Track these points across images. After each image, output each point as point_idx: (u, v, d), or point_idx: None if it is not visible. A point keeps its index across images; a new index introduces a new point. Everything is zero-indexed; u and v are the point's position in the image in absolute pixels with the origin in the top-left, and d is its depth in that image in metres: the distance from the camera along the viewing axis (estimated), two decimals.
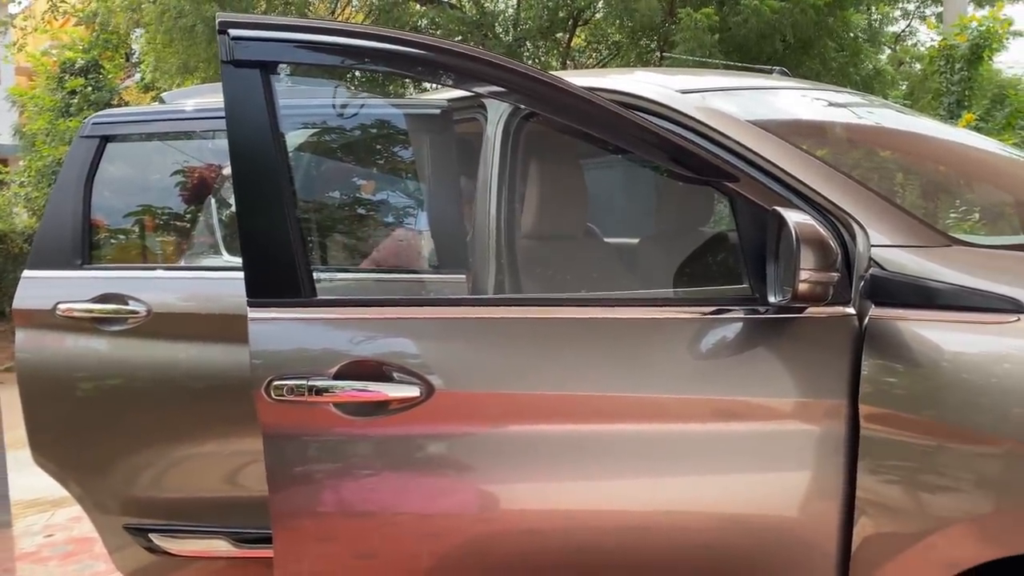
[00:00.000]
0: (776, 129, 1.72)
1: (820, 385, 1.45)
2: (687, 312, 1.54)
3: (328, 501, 1.51)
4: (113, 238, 2.67)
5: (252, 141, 1.48)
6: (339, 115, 2.51)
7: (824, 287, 1.36)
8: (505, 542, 1.56)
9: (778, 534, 1.49)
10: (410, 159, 2.51)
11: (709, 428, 1.49)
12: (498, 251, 1.94)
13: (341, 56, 1.62)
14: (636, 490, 1.52)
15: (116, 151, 2.44)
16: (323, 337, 1.53)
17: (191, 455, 2.25)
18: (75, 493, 2.35)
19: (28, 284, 2.32)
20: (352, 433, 1.50)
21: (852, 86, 7.28)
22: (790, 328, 1.47)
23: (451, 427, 1.51)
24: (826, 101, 2.29)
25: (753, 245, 1.49)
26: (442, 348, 1.52)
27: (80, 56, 11.30)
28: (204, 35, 7.87)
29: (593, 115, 1.55)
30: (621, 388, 1.50)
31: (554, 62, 9.09)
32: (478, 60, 1.57)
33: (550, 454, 1.51)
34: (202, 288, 2.32)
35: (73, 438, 2.31)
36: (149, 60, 9.72)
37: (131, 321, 2.22)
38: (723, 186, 1.53)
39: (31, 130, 11.09)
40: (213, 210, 2.81)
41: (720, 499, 1.51)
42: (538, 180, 2.09)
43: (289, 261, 1.47)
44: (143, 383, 2.22)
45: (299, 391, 1.45)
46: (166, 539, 2.25)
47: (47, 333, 2.28)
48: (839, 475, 1.43)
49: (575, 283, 2.17)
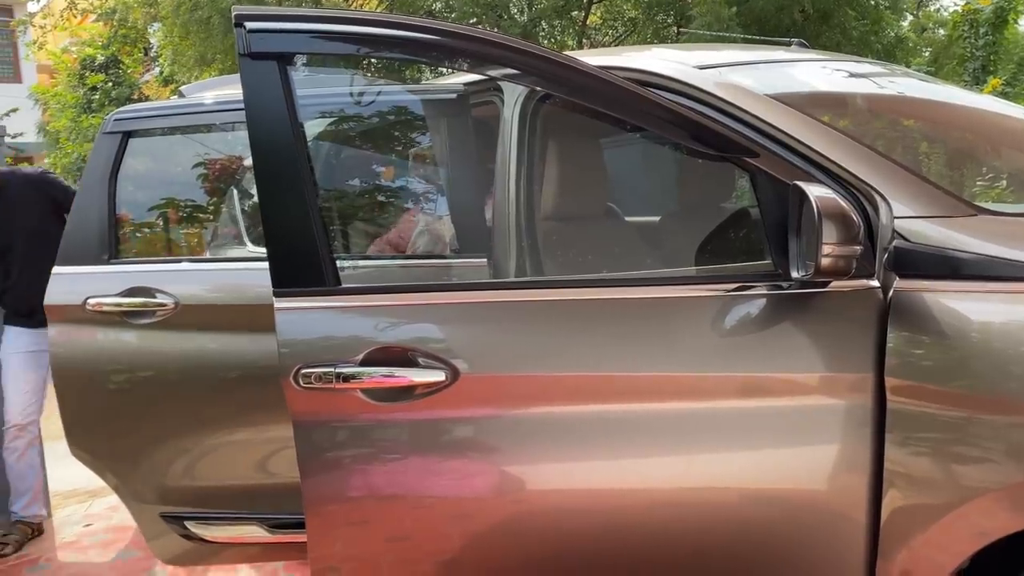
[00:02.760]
0: (796, 102, 1.70)
1: (845, 359, 1.45)
2: (710, 290, 1.54)
3: (358, 486, 1.53)
4: (138, 232, 2.71)
5: (272, 133, 1.49)
6: (356, 103, 2.52)
7: (847, 261, 1.36)
8: (534, 522, 1.57)
9: (807, 508, 1.49)
10: (428, 144, 2.52)
11: (735, 405, 1.49)
12: (518, 234, 1.95)
13: (357, 45, 1.62)
14: (664, 468, 1.53)
15: (138, 146, 2.47)
16: (348, 324, 1.54)
17: (222, 443, 2.29)
18: (111, 483, 2.40)
19: (58, 280, 2.36)
20: (380, 418, 1.51)
21: (873, 55, 7.17)
22: (814, 303, 1.47)
23: (477, 410, 1.52)
24: (846, 72, 2.26)
25: (775, 220, 1.48)
26: (466, 332, 1.53)
27: (99, 52, 11.42)
28: (220, 27, 7.91)
29: (610, 95, 1.54)
30: (646, 367, 1.51)
31: (570, 41, 9.03)
32: (494, 44, 1.57)
33: (576, 434, 1.52)
34: (228, 279, 2.35)
35: (107, 429, 2.35)
36: (167, 54, 9.78)
37: (159, 314, 2.25)
38: (743, 162, 1.53)
39: (55, 127, 11.24)
40: (235, 201, 2.84)
41: (748, 475, 1.51)
42: (557, 161, 2.09)
43: (312, 251, 1.49)
44: (173, 374, 2.26)
45: (327, 378, 1.47)
46: (201, 526, 2.29)
47: (78, 327, 2.32)
48: (866, 448, 1.43)
49: (596, 263, 2.17)
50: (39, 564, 3.22)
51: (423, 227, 2.35)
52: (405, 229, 2.38)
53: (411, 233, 2.35)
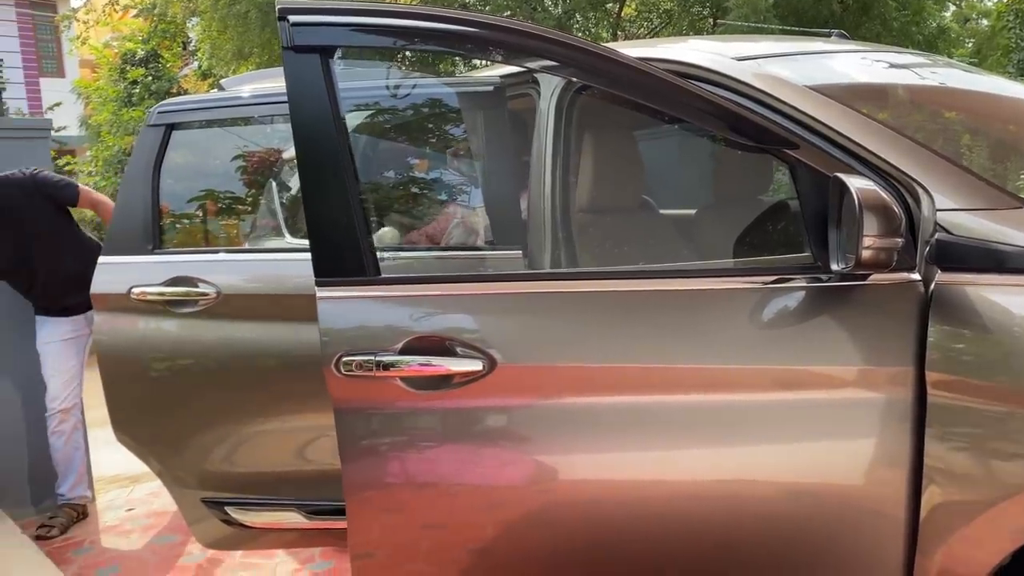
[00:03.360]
0: (836, 93, 1.69)
1: (885, 352, 1.44)
2: (748, 282, 1.53)
3: (397, 472, 1.56)
4: (179, 223, 2.76)
5: (315, 125, 1.51)
6: (393, 95, 2.54)
7: (888, 253, 1.34)
8: (567, 512, 1.58)
9: (844, 503, 1.49)
10: (464, 137, 2.53)
11: (772, 397, 1.49)
12: (554, 226, 1.95)
13: (397, 38, 1.64)
14: (699, 461, 1.53)
15: (181, 138, 2.51)
16: (388, 314, 1.56)
17: (261, 431, 2.33)
18: (155, 468, 2.46)
19: (104, 269, 2.41)
20: (418, 406, 1.54)
21: (915, 46, 7.04)
22: (853, 295, 1.46)
23: (513, 399, 1.53)
24: (887, 63, 2.23)
25: (814, 212, 1.47)
26: (503, 323, 1.55)
27: (140, 47, 11.59)
28: (257, 20, 8.00)
29: (649, 86, 1.54)
30: (682, 359, 1.51)
31: (604, 33, 8.99)
32: (533, 36, 1.57)
33: (611, 425, 1.52)
34: (268, 269, 2.39)
35: (151, 416, 2.41)
36: (205, 47, 9.91)
37: (201, 303, 2.30)
38: (783, 153, 1.52)
39: (96, 121, 11.44)
40: (274, 193, 2.88)
41: (784, 468, 1.51)
42: (592, 153, 2.09)
43: (353, 241, 1.51)
44: (215, 362, 2.31)
45: (367, 366, 1.49)
46: (242, 512, 2.34)
47: (123, 316, 2.37)
48: (906, 443, 1.42)
49: (632, 256, 2.17)
50: (84, 546, 3.31)
51: (459, 219, 2.37)
52: (442, 221, 2.40)
53: (447, 225, 2.37)
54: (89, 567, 3.10)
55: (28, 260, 3.30)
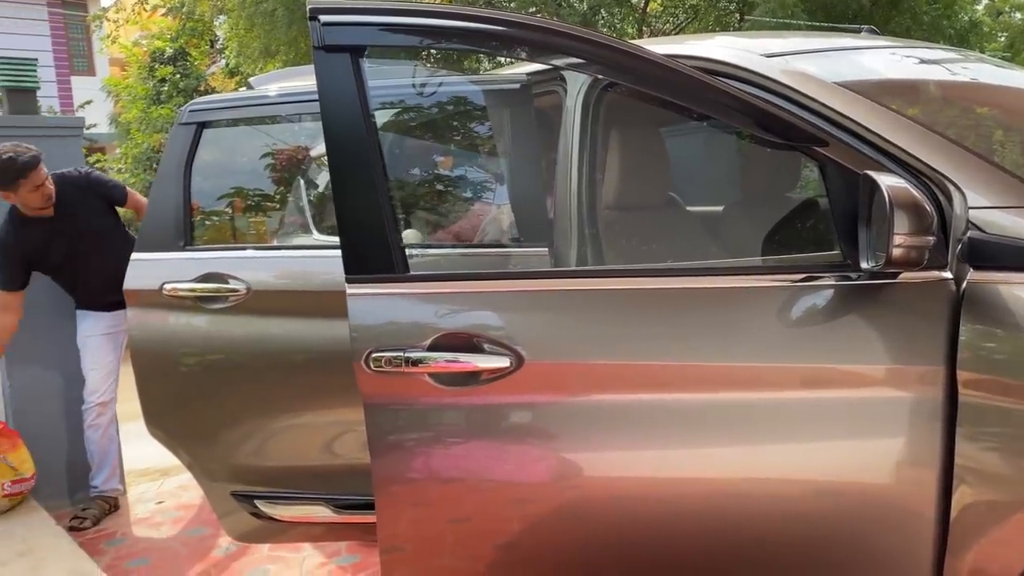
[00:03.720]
0: (865, 90, 1.68)
1: (915, 351, 1.43)
2: (776, 280, 1.53)
3: (425, 467, 1.57)
4: (209, 220, 2.80)
5: (345, 124, 1.53)
6: (420, 93, 2.56)
7: (919, 251, 1.34)
8: (593, 509, 1.59)
9: (873, 501, 1.48)
10: (491, 134, 2.54)
11: (800, 396, 1.48)
12: (580, 223, 1.96)
13: (427, 37, 1.66)
14: (726, 458, 1.53)
15: (212, 136, 2.55)
16: (417, 310, 1.58)
17: (291, 425, 2.36)
18: (185, 461, 2.49)
19: (136, 265, 2.45)
20: (446, 402, 1.55)
21: (946, 41, 6.94)
22: (883, 294, 1.45)
23: (541, 396, 1.54)
24: (917, 58, 2.21)
25: (844, 210, 1.46)
26: (531, 320, 1.56)
27: (168, 45, 11.72)
28: (284, 19, 8.05)
29: (676, 83, 1.54)
30: (710, 357, 1.51)
31: (630, 29, 8.95)
32: (561, 33, 1.58)
33: (638, 423, 1.53)
34: (297, 266, 2.42)
35: (182, 409, 2.45)
36: (232, 46, 9.99)
37: (232, 299, 2.33)
38: (811, 151, 1.51)
39: (126, 119, 11.58)
40: (302, 190, 2.91)
41: (812, 467, 1.50)
42: (619, 150, 2.09)
43: (383, 239, 1.52)
44: (244, 357, 2.34)
45: (396, 362, 1.50)
46: (271, 505, 2.37)
47: (155, 311, 2.41)
48: (936, 442, 1.41)
49: (658, 253, 2.17)
50: (116, 538, 3.37)
51: (492, 217, 2.38)
52: (473, 219, 2.41)
53: (478, 223, 2.39)
54: (121, 558, 3.16)
55: (77, 256, 3.38)
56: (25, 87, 3.82)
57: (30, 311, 3.49)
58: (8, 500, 3.33)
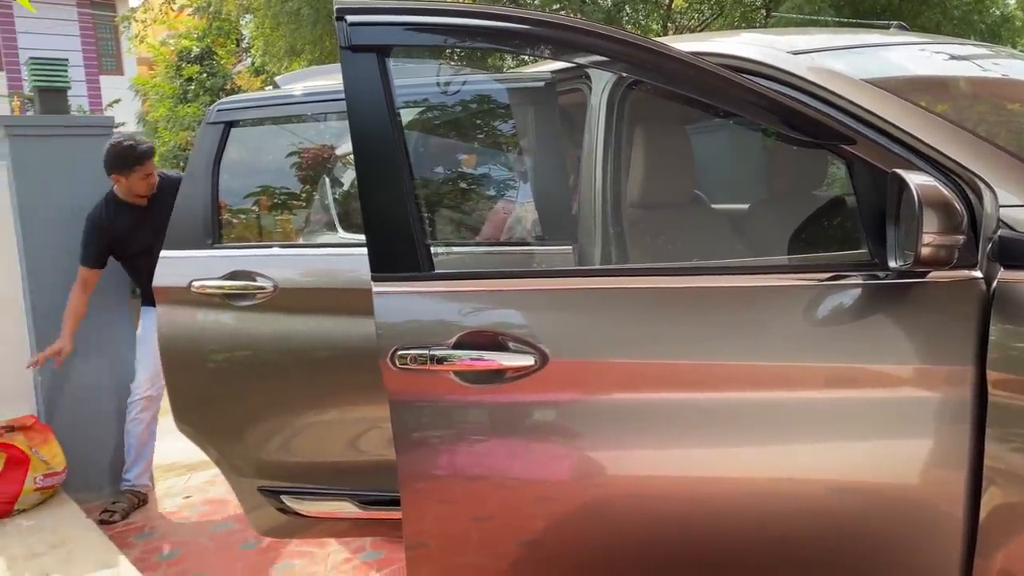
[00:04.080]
0: (894, 87, 1.66)
1: (944, 351, 1.41)
2: (803, 278, 1.52)
3: (450, 465, 1.58)
4: (235, 218, 2.83)
5: (371, 124, 1.54)
6: (444, 92, 2.56)
7: (949, 250, 1.32)
8: (617, 508, 1.59)
9: (900, 502, 1.47)
10: (515, 132, 2.55)
11: (827, 395, 1.47)
12: (605, 221, 1.96)
13: (453, 36, 1.66)
14: (751, 458, 1.53)
15: (239, 135, 2.57)
16: (442, 308, 1.59)
17: (317, 421, 2.38)
18: (213, 456, 2.52)
19: (165, 263, 2.49)
20: (471, 400, 1.56)
21: (976, 36, 6.84)
22: (912, 293, 1.43)
23: (565, 395, 1.55)
24: (947, 54, 2.18)
25: (872, 209, 1.45)
26: (555, 318, 1.56)
27: (195, 44, 11.86)
28: (309, 18, 8.10)
29: (703, 81, 1.54)
30: (736, 356, 1.50)
31: (654, 25, 8.90)
32: (586, 32, 1.58)
33: (663, 422, 1.53)
34: (323, 264, 2.44)
35: (209, 405, 2.48)
36: (258, 45, 10.08)
37: (259, 296, 2.35)
38: (839, 149, 1.50)
39: (153, 117, 11.73)
40: (328, 188, 2.93)
41: (840, 467, 1.49)
42: (644, 148, 2.09)
43: (408, 237, 1.53)
44: (271, 354, 2.36)
45: (421, 360, 1.51)
46: (296, 501, 2.40)
47: (184, 308, 2.44)
48: (965, 443, 1.39)
49: (684, 252, 2.17)
50: (145, 531, 3.42)
51: (517, 215, 2.39)
52: (497, 219, 2.42)
53: (502, 223, 2.39)
54: (150, 551, 3.21)
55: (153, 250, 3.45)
56: (56, 87, 3.88)
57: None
58: (40, 493, 3.39)
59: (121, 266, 3.62)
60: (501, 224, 2.37)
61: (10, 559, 2.86)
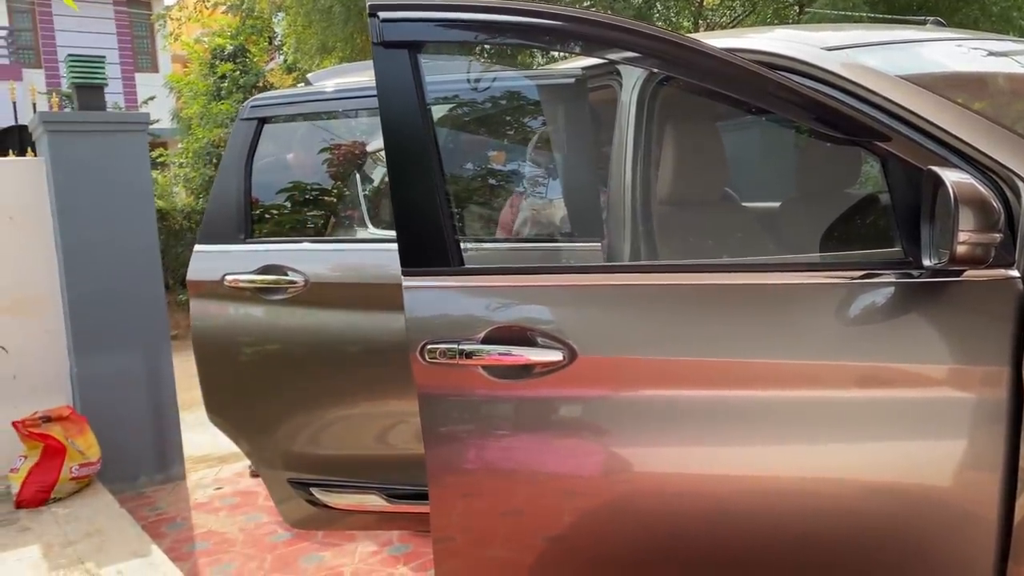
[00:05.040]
0: (930, 84, 1.64)
1: (979, 351, 1.39)
2: (835, 277, 1.51)
3: (478, 459, 1.59)
4: (267, 213, 2.86)
5: (403, 119, 1.55)
6: (475, 89, 2.57)
7: (985, 249, 1.30)
8: (644, 505, 1.59)
9: (932, 504, 1.45)
10: (545, 129, 2.55)
11: (859, 395, 1.46)
12: (634, 218, 1.95)
13: (484, 32, 1.67)
14: (780, 456, 1.51)
15: (272, 131, 2.60)
16: (471, 303, 1.60)
17: (347, 415, 2.40)
18: (244, 449, 2.56)
19: (199, 257, 2.52)
20: (499, 395, 1.56)
21: (1016, 32, 6.70)
22: (946, 292, 1.42)
23: (594, 391, 1.54)
24: (985, 51, 2.15)
25: (906, 207, 1.43)
26: (584, 314, 1.56)
27: (228, 42, 11.98)
28: (340, 16, 8.16)
29: (734, 77, 1.53)
30: (767, 354, 1.49)
31: (685, 22, 8.84)
32: (617, 27, 1.58)
33: (692, 419, 1.52)
34: (353, 259, 2.46)
35: (241, 398, 2.51)
36: (290, 42, 10.18)
37: (290, 291, 2.38)
38: (873, 146, 1.49)
39: (187, 114, 11.88)
40: (358, 184, 2.95)
41: (871, 467, 1.48)
42: (674, 145, 2.08)
43: (438, 232, 1.54)
44: (302, 348, 2.39)
45: (450, 354, 1.52)
46: (325, 493, 2.42)
47: (216, 302, 2.48)
48: (999, 444, 1.37)
49: (713, 249, 2.15)
50: (176, 522, 3.47)
51: (527, 215, 2.39)
52: (507, 213, 2.42)
53: (513, 216, 2.40)
54: (181, 542, 3.26)
55: None
56: (94, 83, 3.95)
57: (102, 297, 3.62)
58: (75, 483, 3.45)
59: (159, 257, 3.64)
60: (508, 221, 2.38)
61: (46, 546, 2.92)
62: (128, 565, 2.74)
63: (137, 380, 3.77)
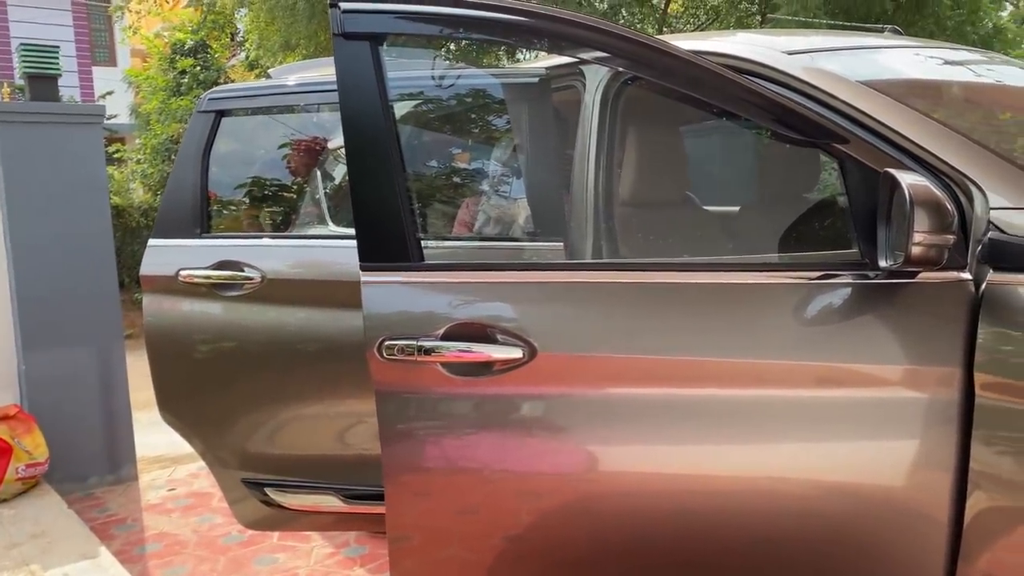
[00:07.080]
0: (888, 89, 1.66)
1: (932, 352, 1.41)
2: (792, 277, 1.52)
3: (435, 457, 1.57)
4: (224, 208, 2.81)
5: (363, 112, 1.53)
6: (438, 85, 2.55)
7: (939, 251, 1.32)
8: (603, 504, 1.58)
9: (885, 503, 1.46)
10: (508, 128, 2.54)
11: (814, 394, 1.47)
12: (596, 218, 1.95)
13: (447, 26, 1.65)
14: (737, 455, 1.52)
15: (230, 125, 2.55)
16: (430, 300, 1.58)
17: (303, 414, 2.37)
18: (197, 448, 2.51)
19: (153, 252, 2.47)
20: (458, 392, 1.55)
21: (970, 46, 6.87)
22: (901, 293, 1.43)
23: (553, 388, 1.54)
24: (941, 59, 2.19)
25: (863, 208, 1.45)
26: (544, 311, 1.55)
27: (189, 37, 11.77)
28: (304, 12, 8.09)
29: (698, 78, 1.53)
30: (723, 353, 1.50)
31: (650, 29, 8.92)
32: (583, 25, 1.57)
33: (650, 417, 1.52)
34: (311, 256, 2.43)
35: (195, 396, 2.46)
36: (253, 39, 10.05)
37: (247, 287, 2.34)
38: (832, 148, 1.50)
39: (145, 110, 11.66)
40: (319, 181, 2.91)
41: (825, 466, 1.49)
42: (637, 146, 2.08)
43: (398, 227, 1.52)
44: (257, 345, 2.35)
45: (409, 351, 1.50)
46: (280, 493, 2.38)
47: (170, 298, 2.43)
48: (951, 445, 1.39)
49: (673, 250, 2.16)
50: (126, 523, 3.39)
51: (489, 214, 2.38)
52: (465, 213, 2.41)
53: (472, 215, 2.39)
54: (131, 543, 3.18)
55: None
56: (47, 73, 3.84)
57: (53, 294, 3.52)
58: (22, 483, 3.36)
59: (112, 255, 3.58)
60: (465, 221, 2.37)
61: None
62: (75, 567, 2.66)
63: (88, 379, 3.68)
